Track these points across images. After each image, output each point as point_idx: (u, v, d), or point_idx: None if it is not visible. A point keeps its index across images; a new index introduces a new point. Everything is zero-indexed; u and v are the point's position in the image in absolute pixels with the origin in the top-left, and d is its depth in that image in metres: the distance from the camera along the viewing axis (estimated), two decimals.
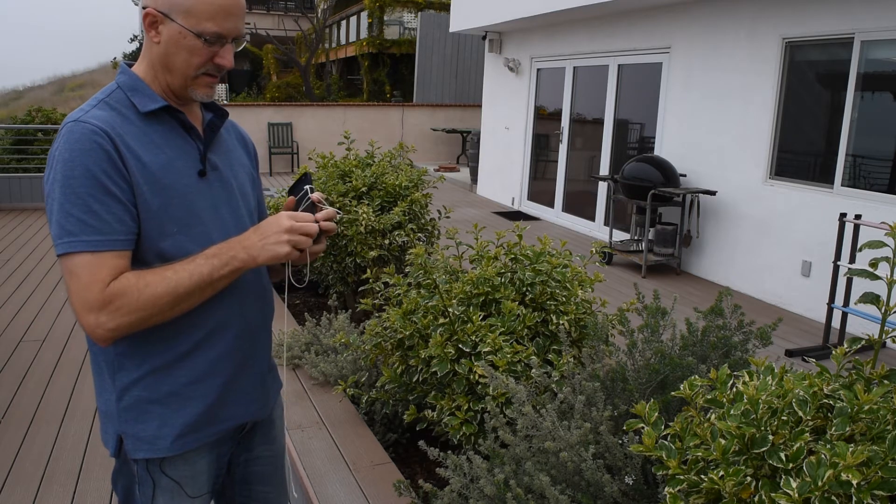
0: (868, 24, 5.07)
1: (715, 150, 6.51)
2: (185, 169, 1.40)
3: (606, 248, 6.86)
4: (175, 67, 1.37)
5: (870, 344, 1.53)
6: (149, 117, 1.38)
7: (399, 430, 3.02)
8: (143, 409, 1.40)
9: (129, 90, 1.39)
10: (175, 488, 1.44)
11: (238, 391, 1.51)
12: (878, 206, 5.00)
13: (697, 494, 1.34)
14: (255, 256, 1.33)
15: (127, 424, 1.41)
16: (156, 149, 1.36)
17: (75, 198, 1.26)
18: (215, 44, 1.37)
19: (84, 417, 3.80)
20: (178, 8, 1.33)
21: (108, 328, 1.27)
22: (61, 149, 1.28)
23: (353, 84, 24.59)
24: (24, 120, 11.76)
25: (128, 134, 1.33)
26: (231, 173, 1.51)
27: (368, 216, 4.07)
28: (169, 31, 1.35)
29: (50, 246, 7.71)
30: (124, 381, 1.40)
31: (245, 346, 1.51)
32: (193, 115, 1.47)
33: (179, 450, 1.42)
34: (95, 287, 1.25)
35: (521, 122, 10.09)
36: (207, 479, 1.50)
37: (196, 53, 1.36)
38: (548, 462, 1.95)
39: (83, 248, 1.26)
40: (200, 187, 1.42)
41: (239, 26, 1.39)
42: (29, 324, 5.26)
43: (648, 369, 2.18)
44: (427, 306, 2.71)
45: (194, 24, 1.34)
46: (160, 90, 1.41)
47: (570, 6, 7.53)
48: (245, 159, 1.62)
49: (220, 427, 1.48)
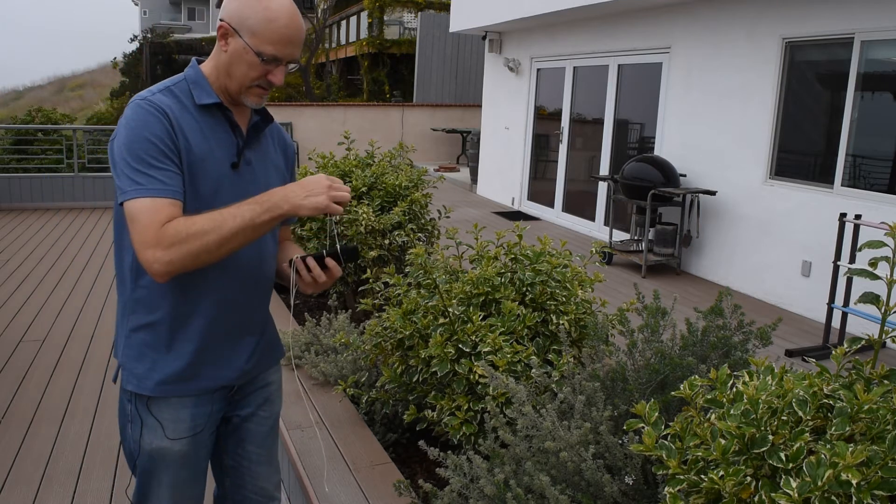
0: (868, 24, 5.07)
1: (715, 150, 6.51)
2: (222, 159, 1.61)
3: (606, 248, 6.86)
4: (234, 75, 1.59)
5: (870, 344, 1.53)
6: (202, 109, 1.61)
7: (399, 430, 3.02)
8: (141, 351, 1.63)
9: (192, 83, 1.62)
10: (158, 428, 1.65)
11: (223, 357, 1.70)
12: (878, 206, 5.00)
13: (697, 494, 1.34)
14: (298, 206, 1.50)
15: (127, 359, 1.65)
16: (202, 136, 1.59)
17: (137, 158, 1.49)
18: (271, 63, 1.57)
19: (84, 417, 3.80)
20: (248, 28, 1.55)
21: (164, 261, 1.45)
22: (128, 119, 1.52)
23: (353, 84, 24.59)
24: (24, 120, 11.77)
25: (182, 119, 1.56)
26: (262, 171, 1.71)
27: (368, 216, 4.07)
28: (236, 44, 1.57)
29: (50, 246, 7.71)
30: (133, 324, 1.64)
31: (236, 320, 1.71)
32: (241, 116, 1.68)
33: (161, 394, 1.63)
34: (152, 227, 1.45)
35: (521, 122, 10.09)
36: (188, 428, 1.68)
37: (254, 68, 1.57)
38: (548, 462, 1.95)
39: (143, 195, 1.47)
40: (231, 176, 1.63)
41: (295, 53, 1.60)
42: (29, 324, 5.26)
43: (648, 369, 2.18)
44: (427, 306, 2.71)
45: (257, 44, 1.55)
46: (218, 89, 1.63)
47: (571, 6, 7.53)
48: (280, 162, 1.81)
49: (202, 384, 1.67)
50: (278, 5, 1.55)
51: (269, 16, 1.54)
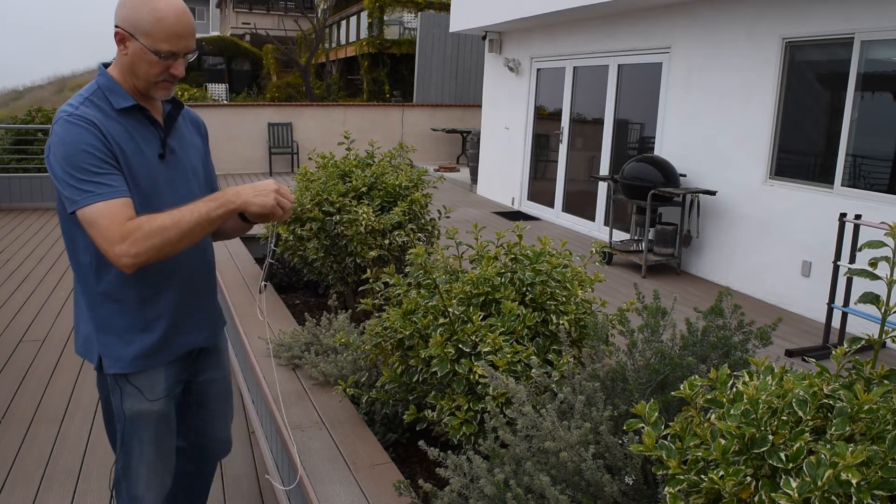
0: (868, 24, 5.07)
1: (715, 150, 6.51)
2: (149, 153, 1.81)
3: (606, 248, 6.86)
4: (139, 74, 1.75)
5: (870, 344, 1.53)
6: (122, 112, 1.77)
7: (399, 430, 3.02)
8: (118, 335, 1.85)
9: (107, 90, 1.77)
10: (137, 394, 1.90)
11: (187, 325, 1.96)
12: (878, 206, 5.00)
13: (697, 494, 1.34)
14: (248, 202, 1.71)
15: (104, 348, 1.86)
16: (128, 137, 1.76)
17: (80, 169, 1.64)
18: (169, 59, 1.73)
19: (84, 417, 3.80)
20: (140, 30, 1.69)
21: (131, 255, 1.61)
22: (61, 136, 1.66)
23: (353, 84, 24.58)
24: (24, 120, 11.75)
25: (108, 125, 1.72)
26: (185, 155, 1.94)
27: (368, 216, 4.07)
28: (134, 47, 1.72)
29: (50, 246, 7.71)
30: (102, 316, 1.84)
31: (192, 291, 1.97)
32: (155, 109, 1.87)
33: (141, 367, 1.88)
34: (114, 226, 1.61)
35: (521, 122, 10.09)
36: (163, 388, 1.95)
37: (154, 66, 1.73)
38: (548, 462, 1.95)
39: (95, 200, 1.62)
40: (160, 167, 1.84)
41: (189, 44, 1.75)
42: (29, 324, 5.26)
43: (648, 369, 2.18)
44: (427, 306, 2.71)
45: (152, 44, 1.70)
46: (130, 90, 1.79)
47: (570, 6, 7.53)
48: (198, 141, 2.05)
49: (173, 351, 1.94)
50: (165, 4, 1.69)
51: (158, 16, 1.68)
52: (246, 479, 3.28)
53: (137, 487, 1.99)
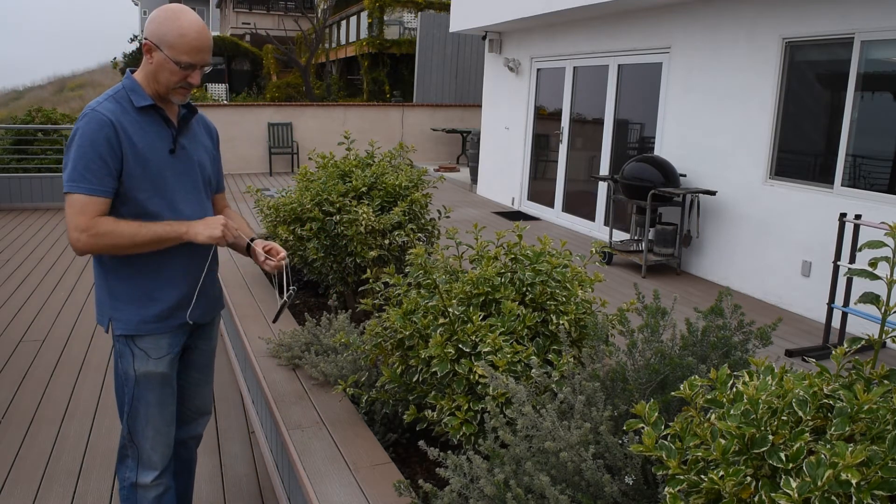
0: (868, 24, 5.07)
1: (715, 150, 6.51)
2: (161, 148, 2.12)
3: (606, 248, 6.86)
4: (160, 81, 2.07)
5: (870, 344, 1.53)
6: (140, 110, 2.08)
7: (399, 430, 3.02)
8: (126, 302, 2.14)
9: (130, 91, 2.09)
10: (143, 355, 2.17)
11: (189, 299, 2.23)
12: (878, 206, 5.00)
13: (697, 494, 1.34)
14: (197, 234, 2.06)
15: (115, 311, 2.15)
16: (143, 132, 2.07)
17: (84, 161, 1.97)
18: (188, 69, 2.04)
19: (84, 417, 3.80)
20: (166, 43, 2.01)
21: (84, 243, 1.98)
22: (82, 128, 1.99)
23: (353, 84, 24.58)
24: (24, 120, 11.75)
25: (126, 121, 2.04)
26: (194, 152, 2.23)
27: (368, 216, 4.07)
28: (158, 57, 2.03)
29: (50, 246, 7.71)
30: (115, 282, 2.14)
31: (196, 274, 2.24)
32: (171, 111, 2.18)
33: (145, 332, 2.15)
34: (83, 216, 1.97)
35: (521, 122, 10.09)
36: (167, 348, 2.21)
37: (174, 74, 2.04)
38: (548, 462, 1.95)
39: (82, 191, 1.97)
40: (170, 160, 2.14)
41: (206, 58, 2.07)
42: (29, 324, 5.26)
43: (648, 369, 2.18)
44: (427, 306, 2.71)
45: (175, 55, 2.01)
46: (150, 92, 2.10)
47: (570, 6, 7.53)
48: (208, 143, 2.35)
49: (175, 321, 2.21)
50: (188, 22, 2.01)
51: (181, 32, 1.99)
52: (246, 479, 3.28)
53: (143, 448, 2.22)
